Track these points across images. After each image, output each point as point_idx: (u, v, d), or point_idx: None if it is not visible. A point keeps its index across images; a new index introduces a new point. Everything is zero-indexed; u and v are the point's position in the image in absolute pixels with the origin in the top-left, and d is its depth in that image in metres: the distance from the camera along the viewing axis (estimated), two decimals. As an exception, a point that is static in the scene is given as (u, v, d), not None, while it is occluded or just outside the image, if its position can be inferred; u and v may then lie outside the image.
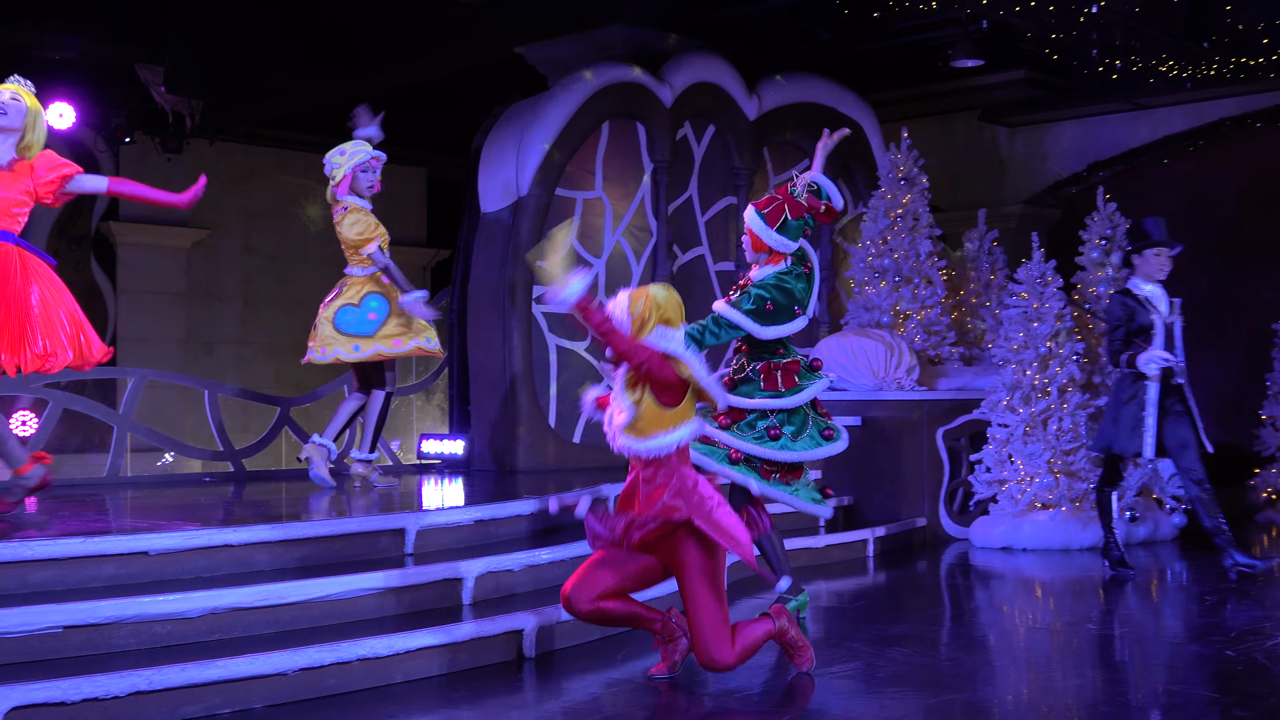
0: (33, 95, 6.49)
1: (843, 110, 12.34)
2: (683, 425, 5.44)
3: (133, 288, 14.79)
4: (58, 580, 5.61)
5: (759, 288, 6.36)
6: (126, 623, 5.35)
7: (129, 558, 5.79)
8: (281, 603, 5.72)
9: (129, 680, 4.90)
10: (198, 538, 5.98)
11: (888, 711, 5.18)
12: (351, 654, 5.46)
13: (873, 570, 9.20)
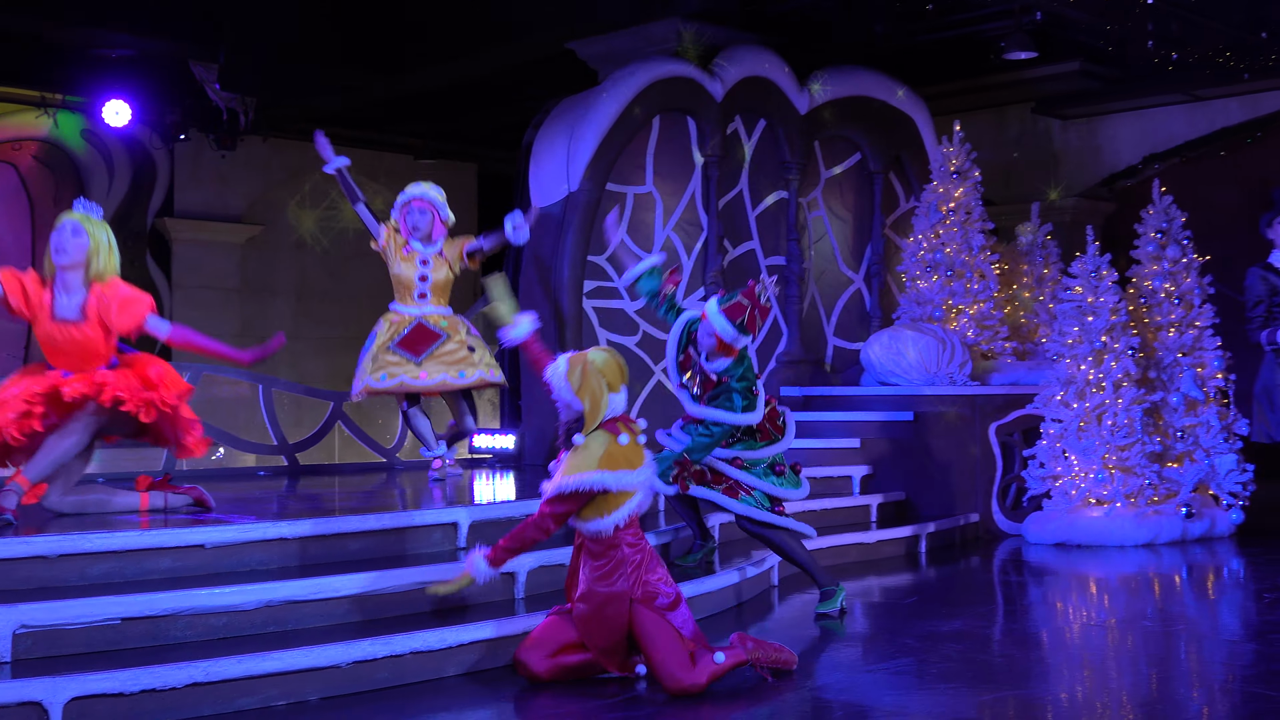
0: (98, 222, 6.48)
1: (894, 104, 12.29)
2: (618, 509, 5.46)
3: (188, 283, 14.93)
4: (116, 573, 5.68)
5: (739, 382, 6.76)
6: (183, 615, 5.41)
7: (186, 551, 5.85)
8: (335, 596, 5.77)
9: (186, 672, 4.96)
10: (253, 531, 6.04)
11: (940, 707, 5.16)
12: (405, 647, 5.50)
13: (925, 566, 9.16)
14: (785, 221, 11.68)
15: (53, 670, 4.86)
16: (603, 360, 5.58)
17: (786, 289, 11.64)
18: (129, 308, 6.38)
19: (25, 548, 5.50)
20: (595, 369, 5.54)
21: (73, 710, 4.74)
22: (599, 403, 5.50)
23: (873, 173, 12.27)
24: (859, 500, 9.95)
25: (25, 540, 5.53)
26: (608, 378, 5.55)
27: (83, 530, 5.78)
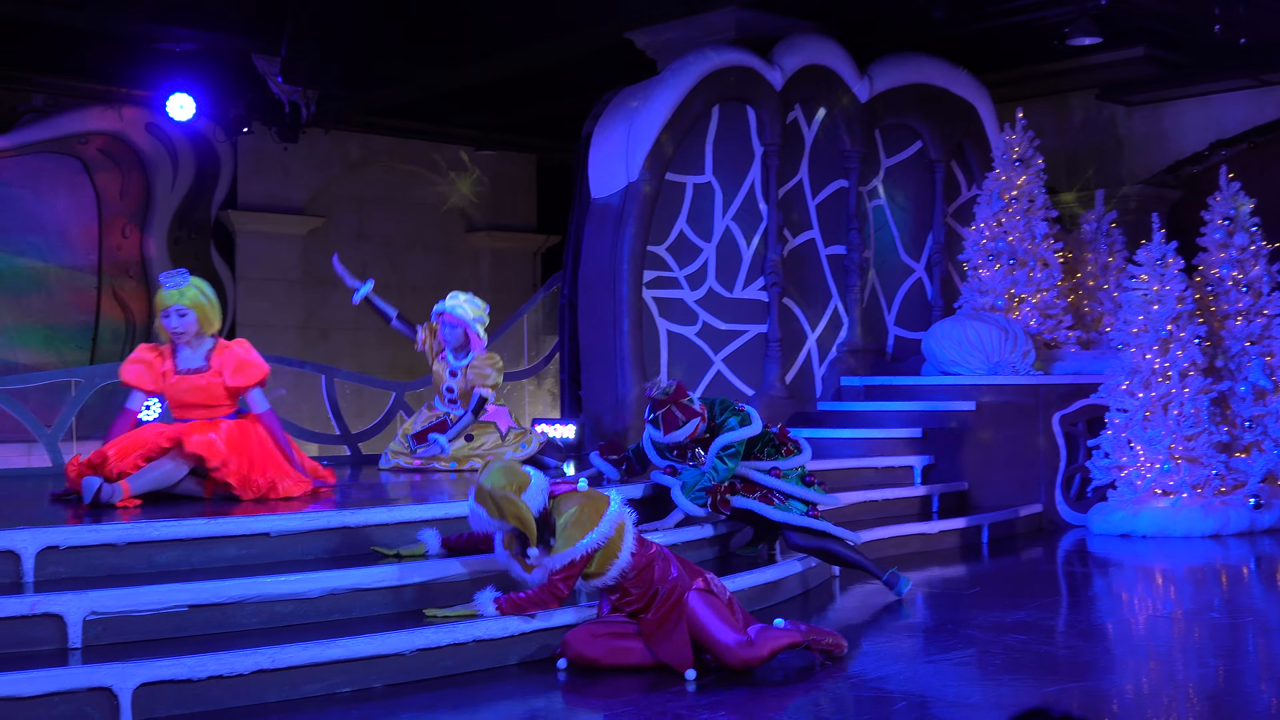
0: (190, 290, 6.98)
1: (956, 91, 12.19)
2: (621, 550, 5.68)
3: (251, 274, 15.08)
4: (183, 560, 5.75)
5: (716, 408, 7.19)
6: (249, 602, 5.47)
7: (251, 539, 5.92)
8: (399, 584, 5.82)
9: (252, 658, 5.02)
10: (317, 519, 6.10)
11: (1004, 699, 5.13)
12: (468, 635, 5.54)
13: (987, 557, 9.10)
14: (845, 210, 11.62)
15: (122, 656, 4.94)
16: (496, 477, 5.66)
17: (846, 278, 11.59)
18: (244, 370, 7.00)
19: (94, 535, 5.58)
20: (498, 492, 5.61)
21: (141, 696, 4.81)
22: (523, 514, 5.61)
23: (934, 161, 12.19)
24: (920, 490, 9.90)
25: (94, 528, 5.62)
26: (512, 486, 5.64)
27: (150, 519, 5.86)
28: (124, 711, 4.78)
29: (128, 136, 14.30)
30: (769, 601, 7.06)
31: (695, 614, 5.56)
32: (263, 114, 14.13)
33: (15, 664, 4.81)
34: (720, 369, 10.82)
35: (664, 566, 5.71)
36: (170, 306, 6.94)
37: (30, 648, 5.03)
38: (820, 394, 11.41)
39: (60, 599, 5.10)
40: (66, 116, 13.92)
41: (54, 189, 14.02)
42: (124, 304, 14.51)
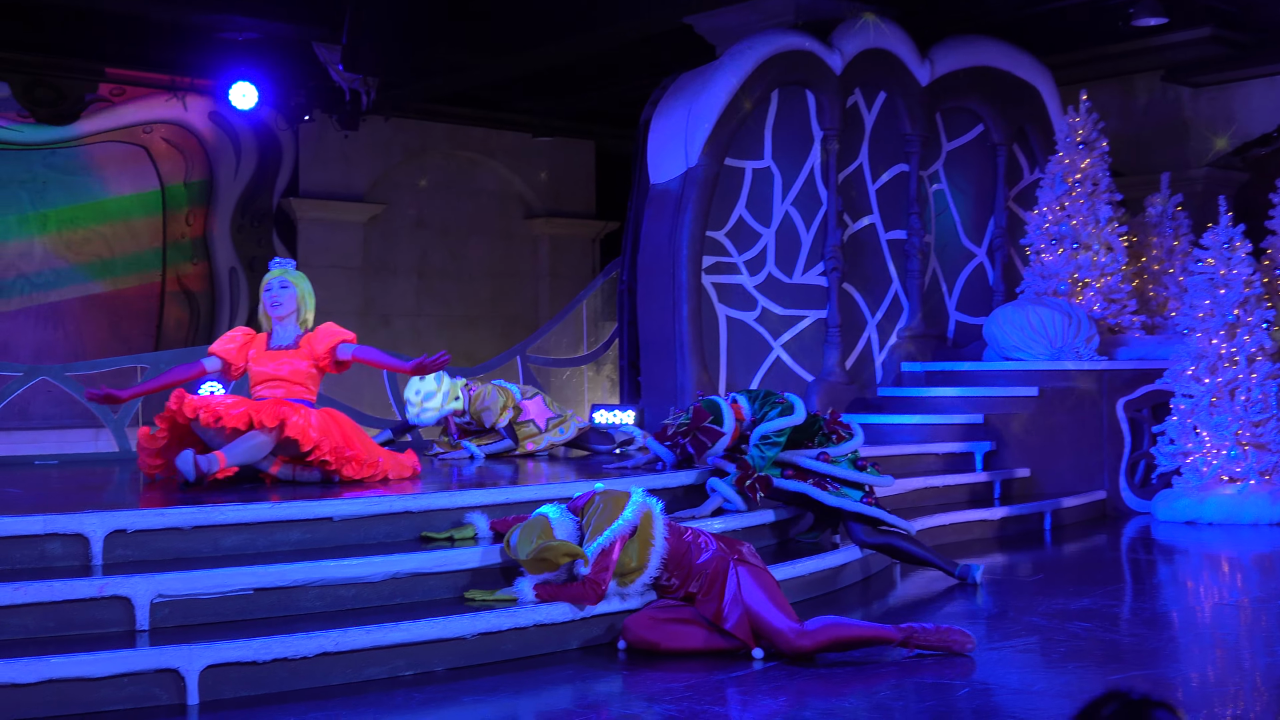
0: (297, 275, 7.35)
1: (1018, 74, 12.07)
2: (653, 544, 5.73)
3: (313, 262, 15.20)
4: (248, 544, 5.82)
5: (758, 404, 7.19)
6: (313, 586, 5.53)
7: (314, 523, 5.98)
8: (460, 569, 5.85)
9: (316, 641, 5.08)
10: (379, 504, 6.14)
11: (1068, 687, 5.09)
12: (529, 620, 5.56)
13: (1050, 544, 9.03)
14: (906, 195, 11.55)
15: (188, 638, 5.00)
16: (523, 544, 5.64)
17: (907, 263, 11.52)
18: (334, 332, 7.24)
19: (161, 519, 5.66)
20: (535, 553, 5.59)
21: (207, 678, 4.87)
22: (567, 549, 5.59)
23: (996, 144, 12.08)
24: (982, 476, 9.84)
25: (161, 512, 5.69)
26: (541, 537, 5.64)
27: (217, 503, 5.93)
28: (190, 693, 4.84)
29: (191, 125, 14.45)
30: (829, 588, 7.05)
31: (743, 592, 5.56)
32: (324, 102, 14.23)
33: (84, 645, 4.89)
34: (779, 355, 10.79)
35: (700, 549, 5.72)
36: (275, 278, 7.24)
37: (99, 629, 5.11)
38: (881, 380, 11.36)
39: (128, 581, 5.17)
40: (131, 106, 14.09)
41: (119, 178, 14.20)
42: (188, 291, 14.67)
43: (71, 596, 5.09)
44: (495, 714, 4.82)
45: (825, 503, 7.13)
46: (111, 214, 14.18)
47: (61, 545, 5.45)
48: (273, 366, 7.11)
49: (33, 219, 13.72)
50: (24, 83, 13.45)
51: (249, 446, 6.69)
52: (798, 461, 7.17)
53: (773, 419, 7.08)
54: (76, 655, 4.74)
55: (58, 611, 5.08)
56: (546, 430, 8.98)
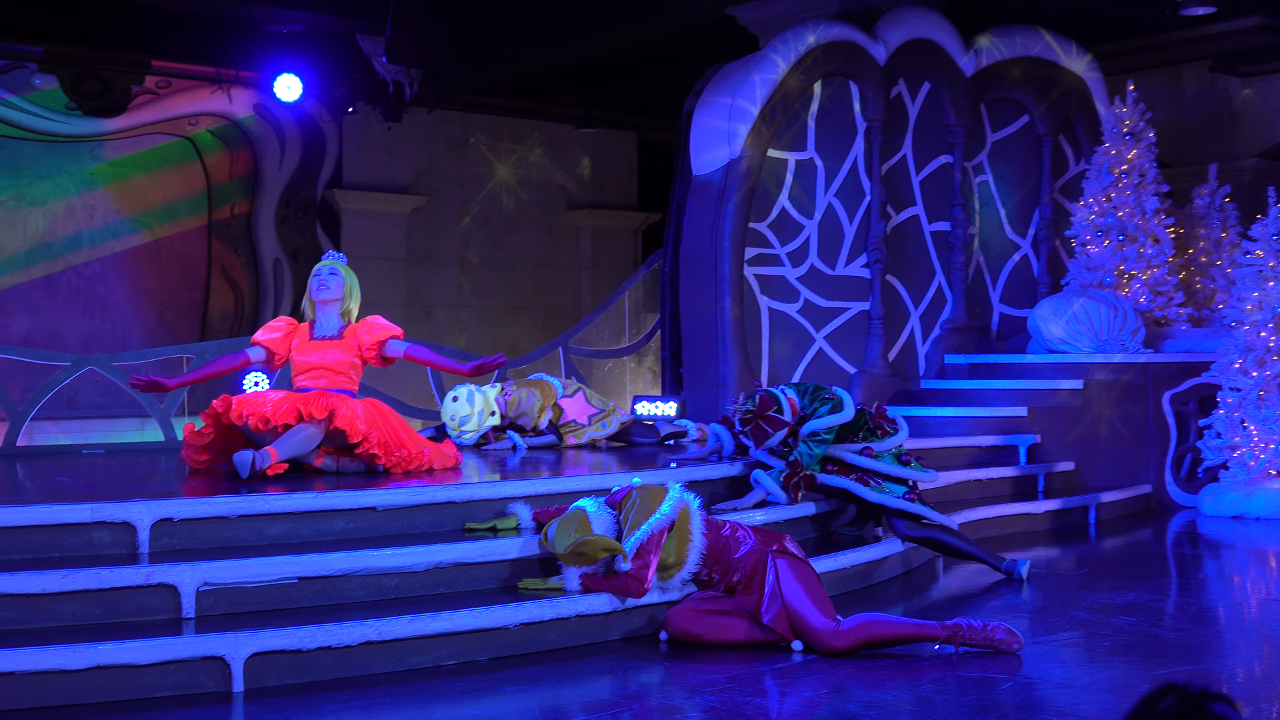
0: (346, 267, 7.38)
1: (1064, 63, 11.97)
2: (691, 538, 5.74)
3: (356, 253, 15.26)
4: (292, 533, 5.86)
5: (808, 398, 7.16)
6: (356, 575, 5.56)
7: (358, 513, 6.01)
8: (503, 559, 5.87)
9: (360, 630, 5.11)
10: (422, 494, 6.17)
11: (1112, 682, 5.06)
12: (571, 611, 5.58)
13: (1094, 538, 8.97)
14: (950, 186, 11.49)
15: (233, 626, 5.04)
16: (560, 538, 5.66)
17: (951, 255, 11.46)
18: (380, 325, 7.25)
19: (207, 508, 5.70)
20: (574, 548, 5.60)
21: (253, 665, 4.92)
22: (606, 544, 5.60)
23: (1041, 135, 11.99)
24: (1026, 470, 9.78)
25: (206, 501, 5.74)
26: (579, 531, 5.65)
27: (261, 492, 5.97)
28: (236, 680, 4.89)
29: (236, 117, 14.55)
30: (870, 581, 7.03)
31: (782, 586, 5.55)
32: (367, 94, 14.30)
33: (132, 632, 4.94)
34: (822, 346, 10.76)
35: (738, 543, 5.71)
36: (326, 265, 7.28)
37: (145, 617, 5.16)
38: (924, 372, 11.31)
39: (174, 570, 5.22)
40: (177, 98, 14.21)
41: (165, 169, 14.31)
42: (233, 282, 14.78)
43: (119, 584, 5.15)
44: (538, 704, 4.84)
45: (867, 499, 7.11)
46: (157, 205, 14.29)
47: (109, 533, 5.51)
48: (316, 356, 7.13)
49: (80, 210, 13.85)
50: (72, 76, 13.58)
51: (299, 439, 6.72)
52: (841, 456, 7.15)
53: (822, 415, 7.05)
54: (124, 642, 4.79)
55: (105, 599, 5.13)
56: (589, 426, 8.99)
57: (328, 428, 6.77)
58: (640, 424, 9.38)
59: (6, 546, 5.36)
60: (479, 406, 8.74)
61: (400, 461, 6.90)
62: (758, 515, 6.89)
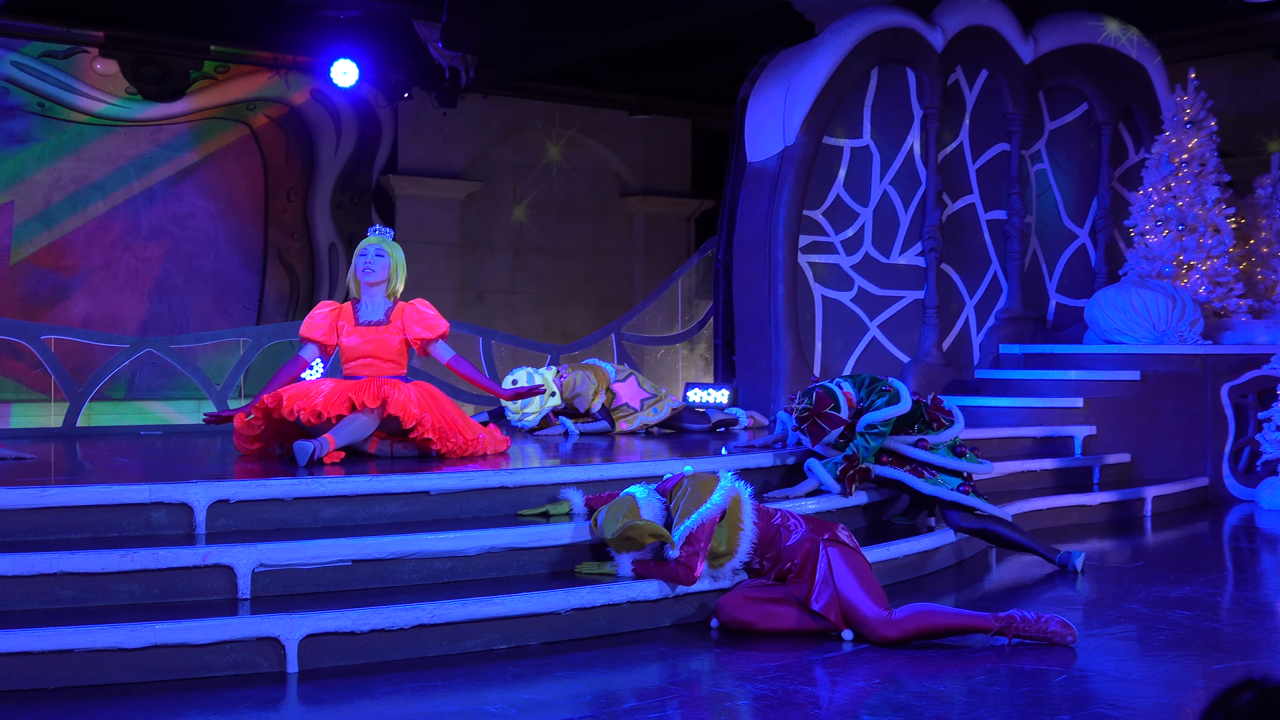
0: (393, 244, 7.33)
1: (1124, 51, 11.83)
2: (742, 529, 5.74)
3: (411, 238, 15.35)
4: (346, 516, 5.90)
5: (864, 391, 7.11)
6: (409, 559, 5.59)
7: (411, 497, 6.04)
8: (554, 544, 5.89)
9: (413, 613, 5.14)
10: (475, 479, 6.20)
11: (1168, 676, 5.02)
12: (622, 597, 5.59)
13: (1150, 530, 8.89)
14: (1007, 175, 11.39)
15: (288, 608, 5.09)
16: (609, 523, 5.67)
17: (1007, 244, 11.37)
18: (427, 323, 7.21)
19: (263, 490, 5.76)
20: (621, 532, 5.61)
21: (307, 646, 4.96)
22: (653, 530, 5.60)
23: (1100, 123, 11.86)
24: (1081, 461, 9.71)
25: (262, 483, 5.79)
26: (627, 516, 5.65)
27: (316, 475, 6.02)
28: (290, 661, 4.93)
29: (293, 103, 14.65)
30: (921, 571, 7.00)
31: (834, 574, 5.54)
32: (423, 80, 14.35)
33: (188, 612, 4.99)
34: (876, 335, 10.71)
35: (789, 532, 5.70)
36: (372, 245, 7.22)
37: (202, 597, 5.22)
38: (978, 361, 11.23)
39: (230, 551, 5.27)
40: (235, 83, 14.32)
41: (222, 154, 14.43)
42: (289, 266, 14.89)
43: (176, 564, 5.20)
44: (589, 689, 4.85)
45: (921, 490, 7.08)
46: (215, 189, 14.41)
47: (166, 514, 5.57)
48: (364, 343, 7.13)
49: (139, 194, 14.00)
50: (132, 61, 13.72)
51: (355, 427, 6.77)
52: (896, 448, 7.12)
53: (879, 408, 7.01)
54: (181, 622, 4.85)
55: (163, 579, 5.19)
56: (641, 410, 9.01)
57: (381, 415, 6.81)
58: (692, 411, 9.38)
59: (66, 526, 5.44)
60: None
61: (454, 447, 6.92)
62: (810, 504, 6.87)
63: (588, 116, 16.33)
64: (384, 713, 4.51)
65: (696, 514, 5.65)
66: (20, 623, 4.78)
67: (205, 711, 4.48)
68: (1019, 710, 4.53)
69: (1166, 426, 10.11)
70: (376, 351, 7.13)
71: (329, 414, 6.70)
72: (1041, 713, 4.50)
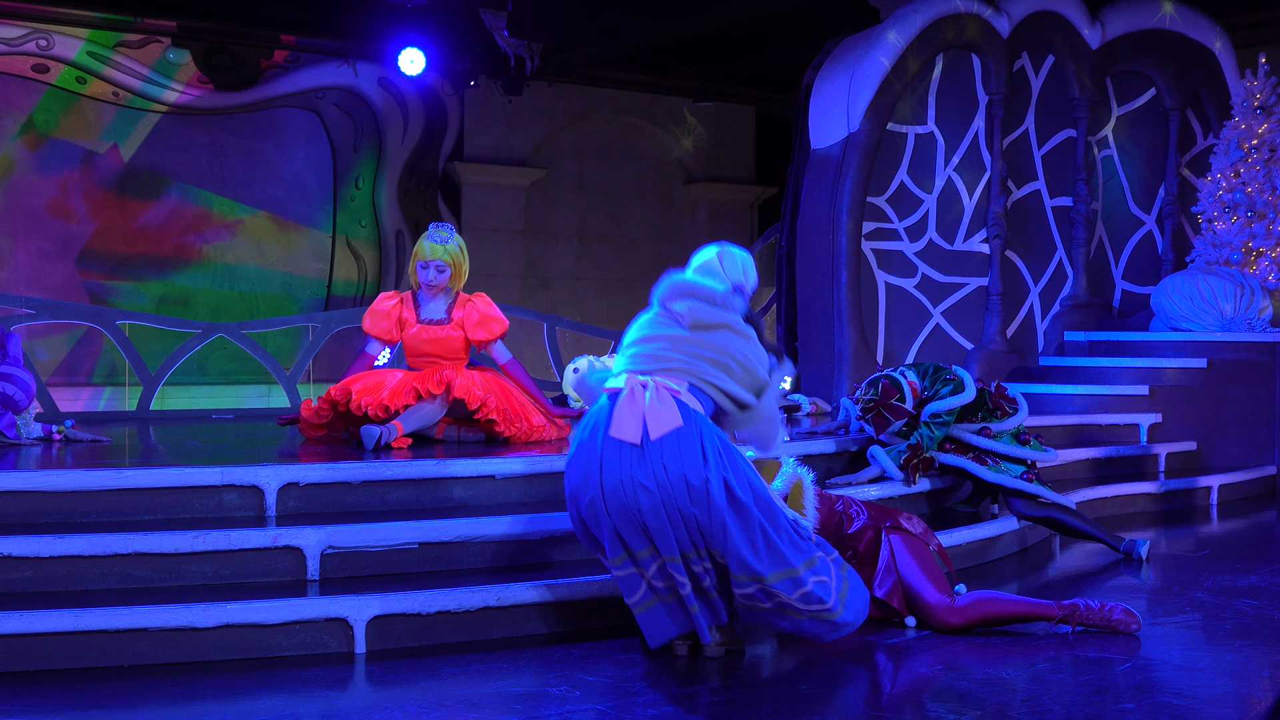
0: (459, 249, 7.28)
1: (1193, 36, 11.65)
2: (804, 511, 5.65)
3: (477, 225, 15.42)
4: (413, 500, 5.95)
5: (928, 380, 7.09)
6: (475, 542, 5.63)
7: (476, 481, 6.08)
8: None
9: (479, 596, 5.18)
10: (539, 463, 6.22)
11: (1233, 665, 4.96)
12: (684, 581, 5.59)
13: (1216, 519, 8.78)
14: (1073, 161, 11.26)
15: (355, 589, 5.15)
16: None
17: (1072, 231, 11.25)
18: (487, 324, 7.25)
19: (332, 473, 5.82)
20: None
21: (374, 627, 5.01)
22: None
23: (1168, 109, 11.69)
24: (1147, 449, 9.59)
25: (331, 466, 5.86)
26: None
27: (383, 459, 6.07)
28: (358, 642, 4.99)
29: (361, 91, 14.75)
30: (985, 558, 6.96)
31: (897, 560, 5.51)
32: (489, 68, 14.40)
33: (258, 593, 5.06)
34: (939, 322, 10.64)
35: (851, 519, 5.67)
36: (433, 260, 7.20)
37: (272, 578, 5.29)
38: (1042, 349, 11.13)
39: (300, 533, 5.34)
40: (305, 72, 14.44)
41: (293, 142, 14.56)
42: (356, 253, 15.01)
43: (247, 546, 5.28)
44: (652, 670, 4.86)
45: (985, 478, 7.05)
46: (285, 177, 14.55)
47: (238, 496, 5.65)
48: (427, 341, 7.18)
49: (210, 182, 14.16)
50: (204, 50, 13.87)
51: (422, 414, 6.85)
52: (960, 436, 7.09)
53: (944, 397, 6.97)
54: (251, 602, 4.92)
55: (234, 560, 5.27)
56: None
57: (448, 400, 6.87)
58: None
59: (140, 507, 5.52)
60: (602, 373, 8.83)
61: (519, 431, 6.97)
62: (872, 490, 6.85)
63: (651, 104, 16.31)
64: (450, 694, 4.54)
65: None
66: (96, 602, 4.87)
67: (276, 690, 4.54)
68: (1082, 698, 4.50)
69: (1233, 415, 9.97)
70: (439, 351, 7.19)
71: (396, 406, 6.78)
72: (1105, 701, 4.46)
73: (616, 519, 4.84)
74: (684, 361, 4.95)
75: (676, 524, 4.80)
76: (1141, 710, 4.37)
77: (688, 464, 4.77)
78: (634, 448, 4.82)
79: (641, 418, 4.83)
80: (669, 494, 4.77)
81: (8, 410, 6.81)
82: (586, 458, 4.91)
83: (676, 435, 4.80)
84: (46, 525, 5.30)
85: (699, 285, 5.11)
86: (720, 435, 4.93)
